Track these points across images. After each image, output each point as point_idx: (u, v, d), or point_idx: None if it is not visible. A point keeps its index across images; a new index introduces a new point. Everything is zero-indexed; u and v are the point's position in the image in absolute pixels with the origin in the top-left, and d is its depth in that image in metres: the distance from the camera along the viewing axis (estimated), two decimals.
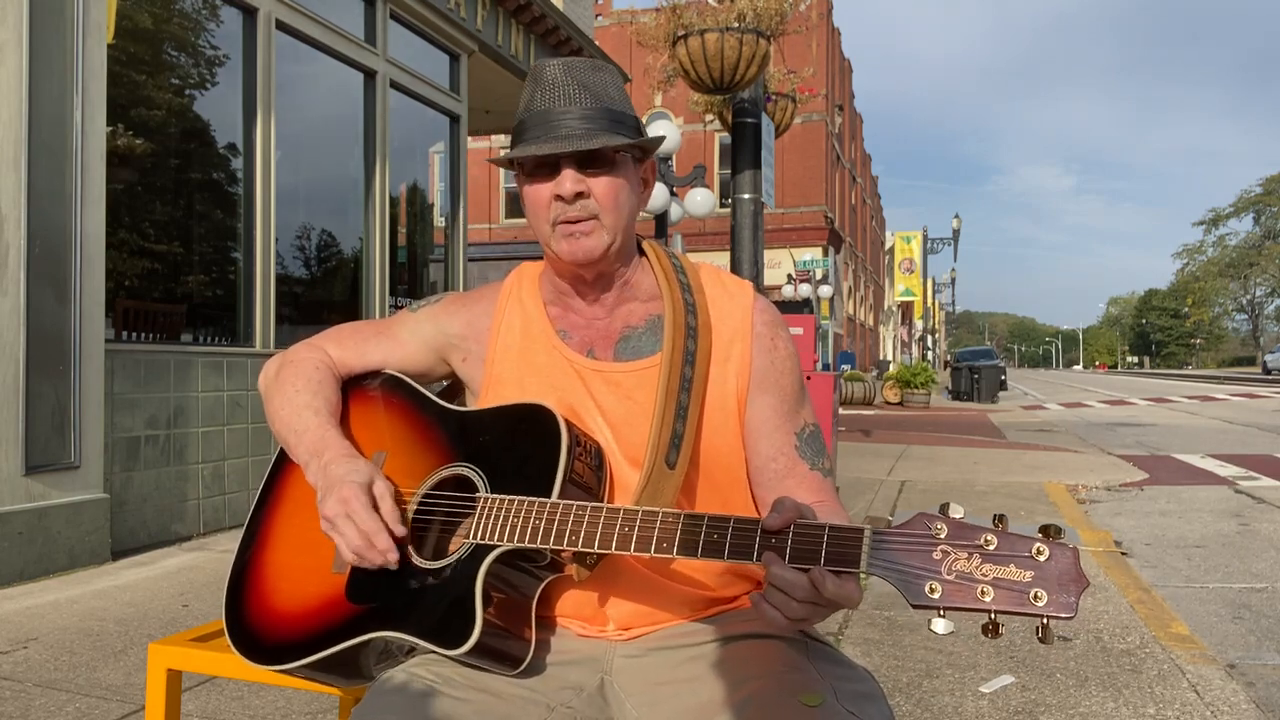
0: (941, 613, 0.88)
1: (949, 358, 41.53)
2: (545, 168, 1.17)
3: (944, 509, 0.91)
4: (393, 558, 1.09)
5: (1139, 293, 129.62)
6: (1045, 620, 0.86)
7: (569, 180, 1.15)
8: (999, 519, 0.90)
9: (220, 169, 5.67)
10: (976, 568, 0.88)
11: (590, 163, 1.16)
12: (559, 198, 1.16)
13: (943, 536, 0.90)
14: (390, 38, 6.79)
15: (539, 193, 1.18)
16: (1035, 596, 0.85)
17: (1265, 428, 13.24)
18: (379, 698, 1.07)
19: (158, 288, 5.22)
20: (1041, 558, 0.87)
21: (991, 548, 0.88)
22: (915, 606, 0.89)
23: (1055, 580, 0.86)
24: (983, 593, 0.87)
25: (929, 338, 47.04)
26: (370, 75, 6.63)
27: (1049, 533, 0.88)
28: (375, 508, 1.11)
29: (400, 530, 1.11)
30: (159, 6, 5.22)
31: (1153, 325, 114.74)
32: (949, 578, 0.88)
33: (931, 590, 0.88)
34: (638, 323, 1.25)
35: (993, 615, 0.87)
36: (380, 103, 6.69)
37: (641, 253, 1.30)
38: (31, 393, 4.01)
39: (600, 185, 1.17)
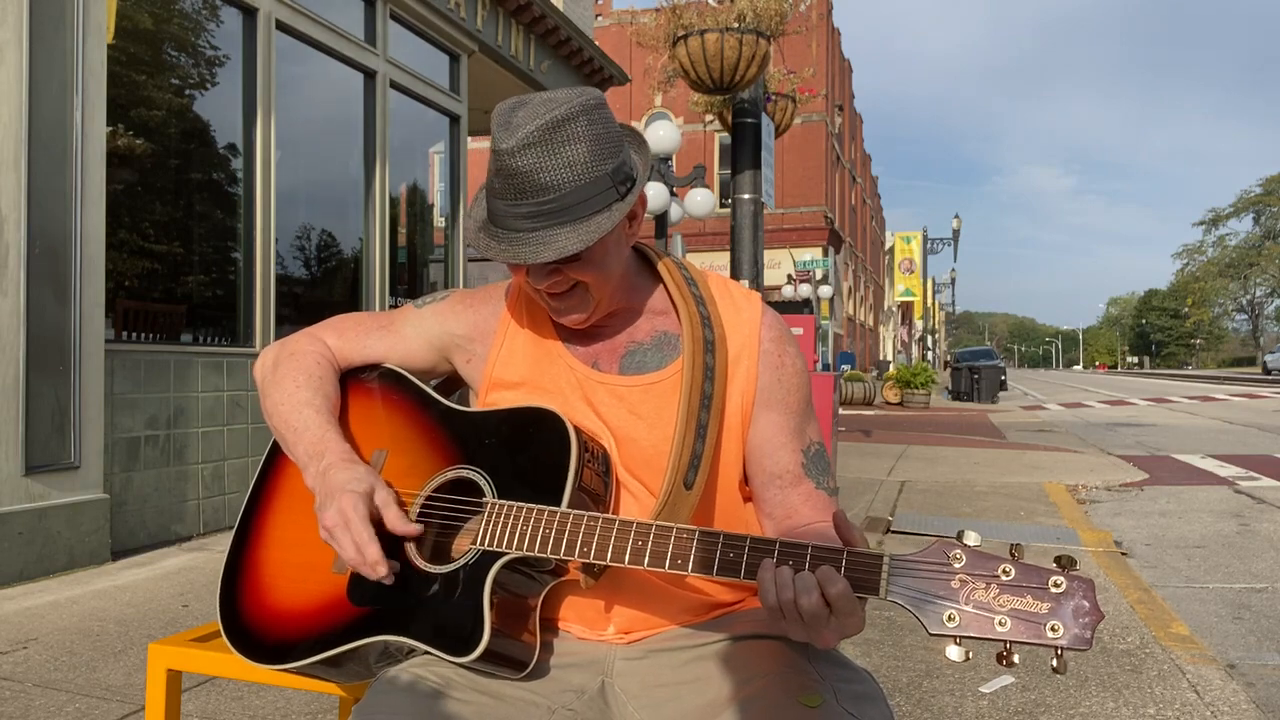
0: (958, 641, 0.89)
1: (949, 358, 41.52)
2: None
3: (961, 536, 0.92)
4: (384, 574, 1.08)
5: (1139, 293, 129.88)
6: (1060, 651, 0.86)
7: (535, 277, 1.12)
8: (1015, 549, 0.91)
9: (220, 169, 5.66)
10: (994, 598, 0.89)
11: None
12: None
13: (960, 565, 0.90)
14: (390, 38, 6.79)
15: (513, 270, 1.16)
16: (1052, 629, 0.86)
17: (1265, 428, 13.24)
18: (380, 698, 1.06)
19: (158, 288, 5.22)
20: (1058, 590, 0.88)
21: (1008, 578, 0.89)
22: (933, 635, 0.89)
23: (1071, 613, 0.87)
24: (1000, 623, 0.88)
25: (929, 338, 47.02)
26: (370, 75, 6.62)
27: (1065, 564, 0.88)
28: (377, 517, 1.09)
29: (413, 529, 1.10)
30: (159, 6, 5.22)
31: (1153, 325, 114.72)
32: (966, 607, 0.89)
33: (949, 619, 0.89)
34: (643, 338, 1.24)
35: (1008, 645, 0.88)
36: (380, 103, 6.69)
37: (650, 264, 1.28)
38: (31, 393, 4.01)
39: (571, 270, 1.13)
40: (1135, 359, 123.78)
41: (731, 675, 1.11)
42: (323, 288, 6.65)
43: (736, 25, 5.84)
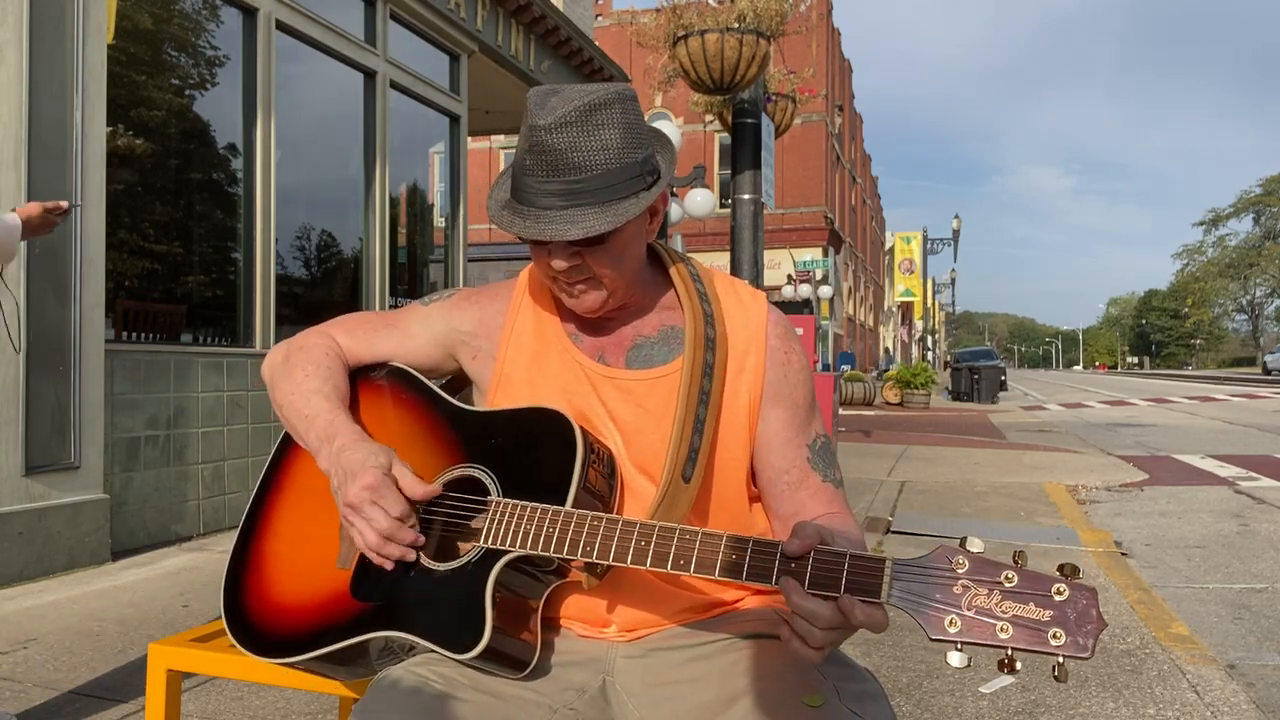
0: (959, 647, 0.89)
1: (949, 358, 41.50)
2: None
3: (964, 543, 0.92)
4: (412, 541, 1.09)
5: (1139, 293, 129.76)
6: (1061, 659, 0.87)
7: (558, 257, 1.13)
8: (1018, 555, 0.91)
9: (220, 169, 5.66)
10: (996, 604, 0.88)
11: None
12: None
13: (963, 571, 0.90)
14: (390, 38, 6.79)
15: (534, 250, 1.16)
16: (1053, 636, 0.86)
17: (1265, 428, 13.24)
18: (380, 696, 1.06)
19: (158, 288, 5.22)
20: (1060, 597, 0.87)
21: (1011, 585, 0.89)
22: (933, 640, 0.89)
23: (1073, 620, 0.87)
24: (1001, 630, 0.87)
25: (929, 338, 47.00)
26: (370, 75, 6.63)
27: (1068, 572, 0.89)
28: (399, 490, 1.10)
29: (433, 489, 1.11)
30: (159, 6, 5.22)
31: (1153, 326, 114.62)
32: (968, 613, 0.89)
33: (951, 625, 0.89)
34: (650, 332, 1.25)
35: (1009, 652, 0.88)
36: (380, 103, 6.69)
37: (662, 261, 1.29)
38: (31, 393, 4.00)
39: (592, 256, 1.13)
40: (1135, 359, 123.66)
41: (733, 674, 1.11)
42: (323, 288, 6.65)
43: (736, 25, 5.84)
